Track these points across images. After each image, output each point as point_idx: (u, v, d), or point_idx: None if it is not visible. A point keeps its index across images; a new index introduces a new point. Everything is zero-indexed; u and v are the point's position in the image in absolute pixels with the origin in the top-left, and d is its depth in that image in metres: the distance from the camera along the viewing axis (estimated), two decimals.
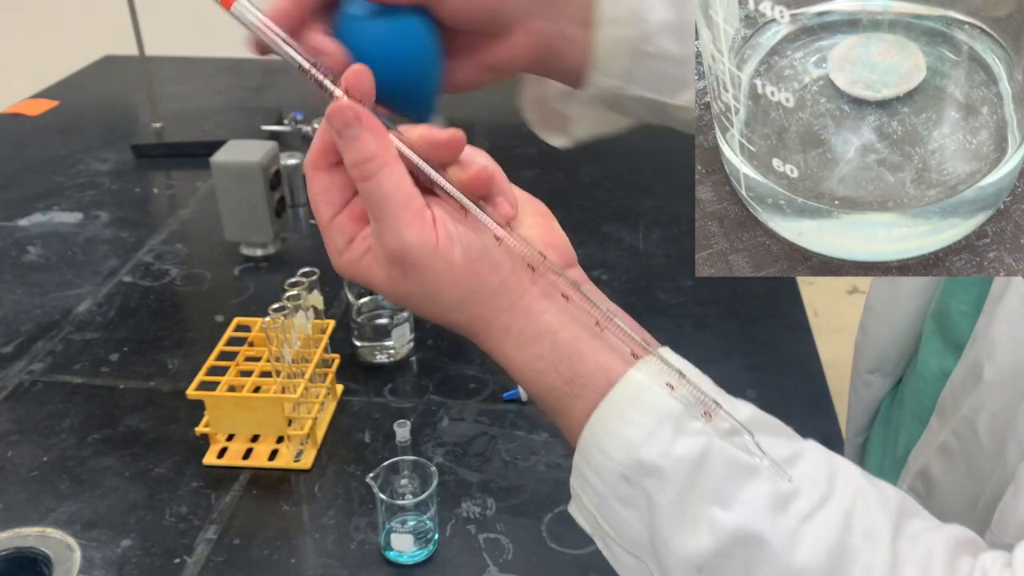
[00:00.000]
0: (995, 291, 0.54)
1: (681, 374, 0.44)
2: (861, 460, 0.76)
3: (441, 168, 0.44)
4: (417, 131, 0.44)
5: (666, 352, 0.45)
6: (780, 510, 0.40)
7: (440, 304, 0.45)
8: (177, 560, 0.75)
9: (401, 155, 0.43)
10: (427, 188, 0.44)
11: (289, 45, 0.44)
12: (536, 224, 0.48)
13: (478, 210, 0.44)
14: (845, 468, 0.43)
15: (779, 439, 0.44)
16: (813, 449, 0.44)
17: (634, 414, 0.42)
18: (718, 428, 0.42)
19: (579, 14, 0.57)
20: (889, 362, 0.69)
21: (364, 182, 0.42)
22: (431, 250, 0.42)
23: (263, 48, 0.45)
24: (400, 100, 0.49)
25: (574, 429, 0.44)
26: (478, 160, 0.46)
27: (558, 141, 0.67)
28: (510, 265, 0.45)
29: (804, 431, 0.89)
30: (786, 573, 0.40)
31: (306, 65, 0.43)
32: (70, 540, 0.77)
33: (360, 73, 0.43)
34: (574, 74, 0.60)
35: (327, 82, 0.43)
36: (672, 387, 0.43)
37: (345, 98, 0.42)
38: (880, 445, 0.72)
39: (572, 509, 0.47)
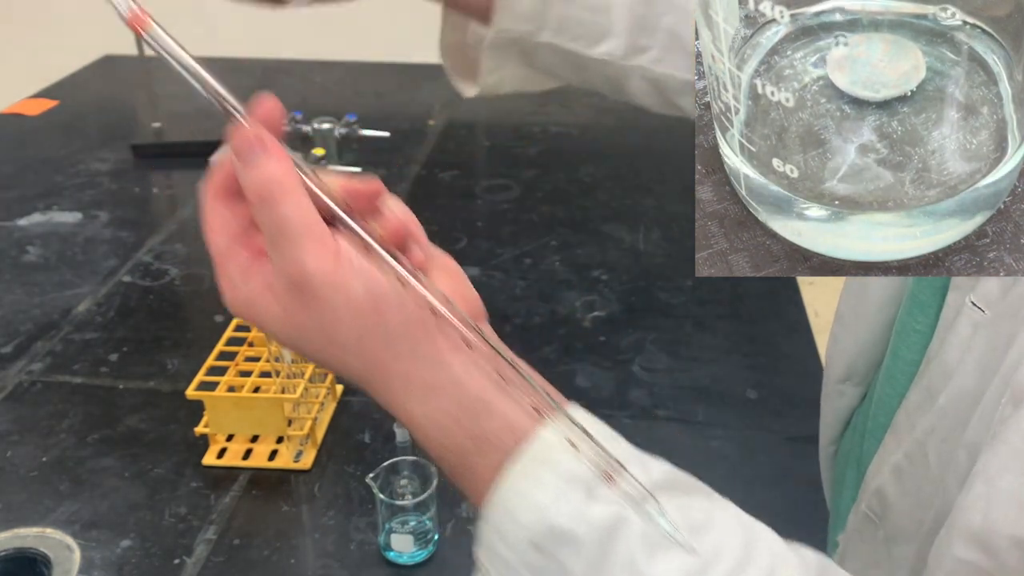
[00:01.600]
0: (948, 315, 0.53)
1: (585, 433, 0.40)
2: (832, 470, 0.75)
3: (358, 218, 0.42)
4: (331, 177, 0.42)
5: (573, 409, 0.41)
6: None
7: (336, 343, 0.41)
8: (176, 560, 0.75)
9: (309, 193, 0.41)
10: (332, 225, 0.42)
11: (200, 72, 0.44)
12: (445, 277, 0.44)
13: (381, 250, 0.41)
14: (763, 533, 0.40)
15: (693, 502, 0.40)
16: (729, 513, 0.41)
17: (544, 475, 0.38)
18: (627, 495, 0.39)
19: None
20: (858, 373, 0.67)
21: (263, 205, 0.40)
22: (331, 279, 0.39)
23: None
24: None
25: (479, 489, 0.40)
26: (396, 212, 0.44)
27: (469, 90, 0.61)
28: (415, 308, 0.41)
29: (803, 431, 0.89)
30: None
31: (218, 89, 0.44)
32: (69, 540, 0.77)
33: (270, 103, 0.42)
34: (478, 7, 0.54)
35: (236, 107, 0.43)
36: (574, 446, 0.39)
37: (250, 124, 0.41)
38: (847, 456, 0.71)
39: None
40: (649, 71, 0.61)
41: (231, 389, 0.86)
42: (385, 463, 0.75)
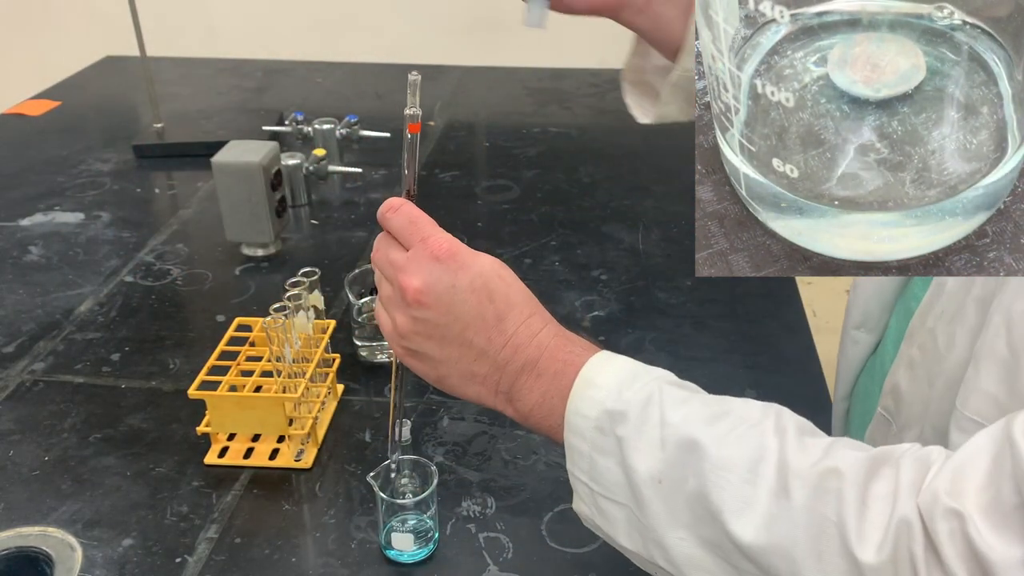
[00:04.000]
0: None
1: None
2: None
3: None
4: None
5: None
6: (713, 422, 0.52)
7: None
8: (178, 559, 0.75)
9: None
10: None
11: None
12: None
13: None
14: (776, 409, 0.54)
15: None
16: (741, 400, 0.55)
17: (599, 380, 0.56)
18: (663, 376, 0.57)
19: None
20: (872, 317, 0.73)
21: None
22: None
23: None
24: None
25: (556, 417, 0.57)
26: None
27: (644, 118, 0.74)
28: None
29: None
30: (716, 465, 0.50)
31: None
32: (71, 539, 0.77)
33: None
34: (666, 34, 0.69)
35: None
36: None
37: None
38: (864, 395, 0.75)
39: (575, 503, 0.58)
40: None
41: (232, 388, 0.87)
42: (386, 462, 0.75)
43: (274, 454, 0.86)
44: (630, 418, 0.54)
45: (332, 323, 0.94)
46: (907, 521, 0.45)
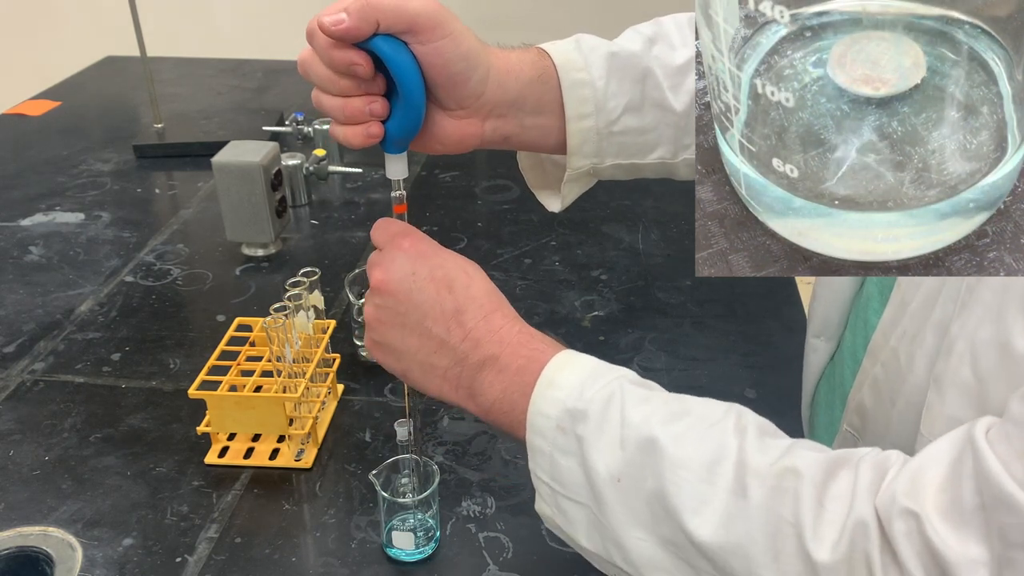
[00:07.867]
0: None
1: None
2: (811, 429, 0.80)
3: None
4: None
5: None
6: (672, 421, 0.52)
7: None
8: (179, 559, 0.75)
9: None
10: None
11: None
12: None
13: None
14: (737, 409, 0.53)
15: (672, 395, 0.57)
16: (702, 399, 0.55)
17: (560, 380, 0.56)
18: (625, 375, 0.56)
19: (534, 106, 0.69)
20: (831, 325, 0.73)
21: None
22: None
23: None
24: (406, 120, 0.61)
25: (519, 414, 0.57)
26: None
27: (554, 207, 0.77)
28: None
29: (802, 430, 0.89)
30: (674, 464, 0.51)
31: None
32: (72, 539, 0.77)
33: None
34: (543, 148, 0.73)
35: None
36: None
37: None
38: (825, 405, 0.76)
39: (537, 504, 0.58)
40: (692, 160, 0.74)
41: (233, 388, 0.87)
42: (387, 461, 0.75)
43: (274, 454, 0.86)
44: (591, 417, 0.54)
45: (332, 323, 0.94)
46: (863, 522, 0.45)
